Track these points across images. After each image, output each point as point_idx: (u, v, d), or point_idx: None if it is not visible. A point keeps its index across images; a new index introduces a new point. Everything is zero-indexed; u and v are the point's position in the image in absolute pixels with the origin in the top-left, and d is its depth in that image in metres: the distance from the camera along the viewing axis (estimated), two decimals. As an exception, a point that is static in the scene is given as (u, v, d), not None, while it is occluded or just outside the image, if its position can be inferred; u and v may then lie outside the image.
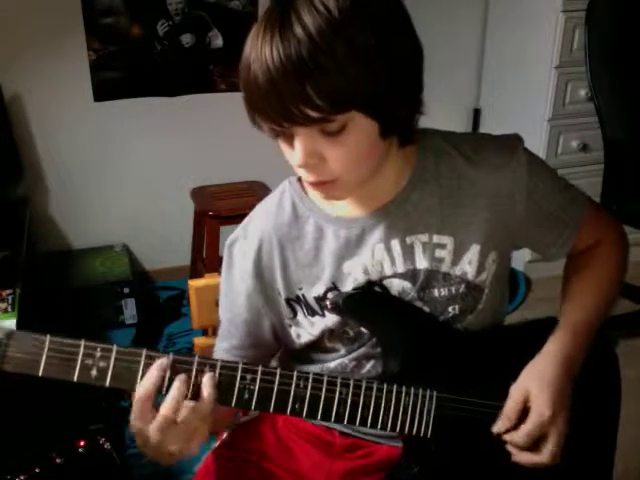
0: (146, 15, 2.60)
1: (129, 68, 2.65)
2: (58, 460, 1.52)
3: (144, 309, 2.67)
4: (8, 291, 1.89)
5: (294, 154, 0.80)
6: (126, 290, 2.59)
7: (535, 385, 0.89)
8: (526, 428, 0.88)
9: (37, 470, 1.49)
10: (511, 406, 0.90)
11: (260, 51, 0.74)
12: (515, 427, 0.89)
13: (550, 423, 0.88)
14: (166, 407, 0.77)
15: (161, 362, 0.79)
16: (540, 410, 0.88)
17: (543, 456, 0.89)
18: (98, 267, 2.69)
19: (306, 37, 0.72)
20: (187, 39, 2.68)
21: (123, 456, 1.71)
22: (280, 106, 0.74)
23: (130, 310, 2.62)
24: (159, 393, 0.79)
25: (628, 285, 2.47)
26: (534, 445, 0.89)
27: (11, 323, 1.77)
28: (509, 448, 0.90)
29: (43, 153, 2.65)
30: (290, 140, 0.80)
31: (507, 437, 0.90)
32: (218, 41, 2.71)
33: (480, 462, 0.93)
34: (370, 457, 1.04)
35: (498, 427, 0.90)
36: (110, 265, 2.70)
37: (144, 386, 0.77)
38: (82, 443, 1.56)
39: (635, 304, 2.56)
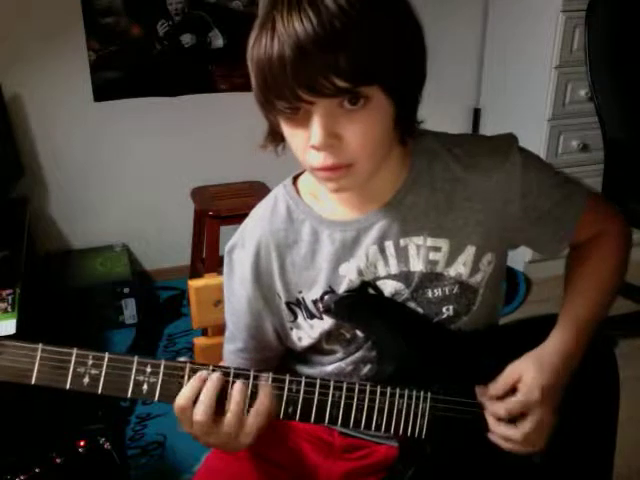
0: (146, 15, 2.60)
1: (129, 68, 2.65)
2: (58, 460, 1.51)
3: (144, 309, 2.67)
4: (8, 291, 1.89)
5: (311, 133, 0.78)
6: (126, 290, 2.59)
7: (531, 369, 0.89)
8: (510, 401, 0.88)
9: (37, 470, 1.49)
10: (502, 380, 0.90)
11: (288, 23, 0.73)
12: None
13: (535, 405, 0.87)
14: (198, 414, 0.79)
15: (202, 374, 0.81)
16: (530, 389, 0.87)
17: (517, 432, 0.88)
18: (98, 267, 2.69)
19: (338, 9, 0.72)
20: (187, 39, 2.68)
21: (123, 456, 1.71)
22: (308, 77, 0.73)
23: (130, 310, 2.62)
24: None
25: (628, 285, 2.48)
26: (513, 422, 0.88)
27: (11, 323, 1.77)
28: (488, 418, 0.90)
29: (43, 153, 2.66)
30: (302, 121, 0.79)
31: (490, 406, 0.90)
32: (218, 41, 2.71)
33: (475, 463, 0.93)
34: (369, 457, 1.04)
35: (483, 391, 0.90)
36: (110, 265, 2.70)
37: (183, 396, 0.80)
38: (82, 443, 1.55)
39: (635, 304, 2.56)
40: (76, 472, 1.53)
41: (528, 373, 0.89)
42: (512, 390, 0.89)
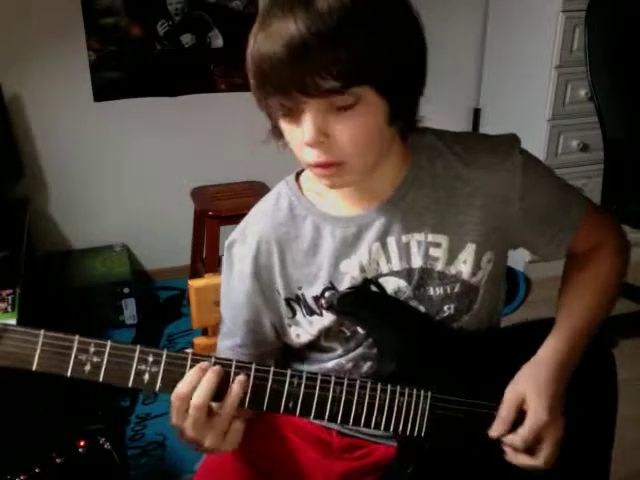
0: (146, 15, 2.60)
1: (129, 68, 2.65)
2: (58, 460, 1.51)
3: (144, 309, 2.67)
4: (8, 291, 1.89)
5: (303, 130, 0.79)
6: (126, 290, 2.59)
7: (531, 389, 0.89)
8: (524, 432, 0.88)
9: (37, 470, 1.49)
10: (506, 409, 0.90)
11: (280, 24, 0.75)
12: (511, 430, 0.89)
13: (547, 427, 0.88)
14: (193, 406, 0.78)
15: (202, 364, 0.80)
16: (538, 415, 0.88)
17: (538, 460, 0.89)
18: (98, 267, 2.69)
19: (328, 12, 0.73)
20: (187, 39, 2.68)
21: (123, 456, 1.71)
22: (298, 77, 0.75)
23: (130, 310, 2.62)
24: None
25: (628, 285, 2.48)
26: (530, 448, 0.89)
27: (11, 323, 1.77)
28: (506, 449, 0.90)
29: (43, 153, 2.66)
30: (297, 118, 0.80)
31: (504, 440, 0.90)
32: (218, 41, 2.72)
33: (474, 462, 0.93)
34: (368, 457, 1.04)
35: (494, 431, 0.90)
36: (110, 265, 2.70)
37: (183, 386, 0.78)
38: (82, 443, 1.55)
39: (635, 304, 2.56)
40: (76, 472, 1.53)
41: (530, 395, 0.89)
42: (519, 412, 0.89)
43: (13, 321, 1.78)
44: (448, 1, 2.92)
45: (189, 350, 0.83)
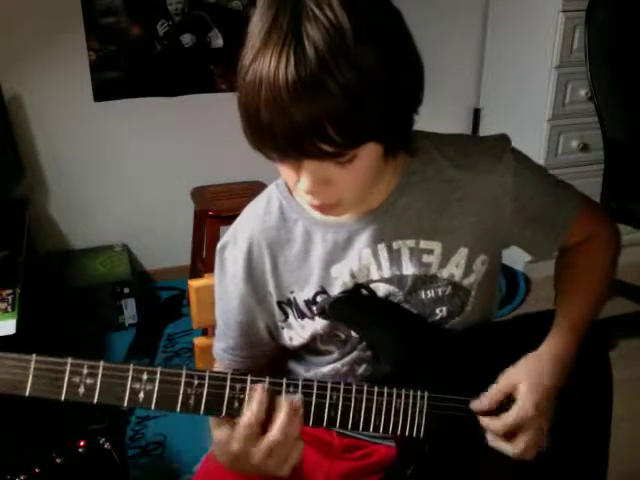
0: (146, 15, 2.60)
1: (129, 68, 2.65)
2: (58, 460, 1.51)
3: (144, 309, 2.67)
4: (8, 291, 1.89)
5: (301, 181, 0.79)
6: (126, 290, 2.59)
7: (526, 381, 0.89)
8: (506, 419, 0.88)
9: (37, 470, 1.49)
10: (496, 391, 0.90)
11: (274, 84, 0.70)
12: (496, 412, 0.89)
13: (530, 421, 0.88)
14: (277, 430, 0.79)
15: (263, 386, 0.80)
16: (525, 407, 0.88)
17: (516, 447, 0.88)
18: (98, 267, 2.69)
19: (318, 60, 0.68)
20: (187, 39, 2.68)
21: (123, 456, 1.71)
22: (295, 141, 0.72)
23: (130, 310, 2.62)
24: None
25: (628, 285, 2.48)
26: (510, 434, 0.89)
27: (11, 323, 1.77)
28: (486, 432, 0.90)
29: (43, 153, 2.66)
30: (296, 167, 0.78)
31: (485, 420, 0.90)
32: (218, 41, 2.72)
33: (473, 461, 0.93)
34: (369, 457, 1.04)
35: (476, 404, 0.90)
36: (110, 265, 2.70)
37: (254, 411, 0.78)
38: (82, 443, 1.55)
39: (635, 304, 2.56)
40: (76, 472, 1.53)
41: (523, 387, 0.89)
42: (507, 399, 0.89)
43: (13, 321, 1.78)
44: (448, 1, 2.92)
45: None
